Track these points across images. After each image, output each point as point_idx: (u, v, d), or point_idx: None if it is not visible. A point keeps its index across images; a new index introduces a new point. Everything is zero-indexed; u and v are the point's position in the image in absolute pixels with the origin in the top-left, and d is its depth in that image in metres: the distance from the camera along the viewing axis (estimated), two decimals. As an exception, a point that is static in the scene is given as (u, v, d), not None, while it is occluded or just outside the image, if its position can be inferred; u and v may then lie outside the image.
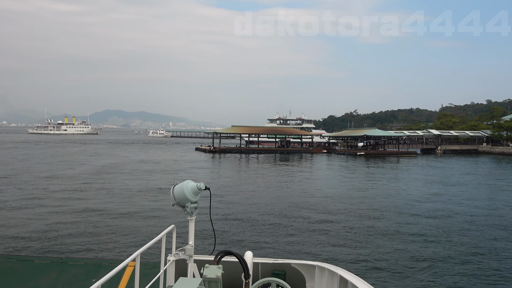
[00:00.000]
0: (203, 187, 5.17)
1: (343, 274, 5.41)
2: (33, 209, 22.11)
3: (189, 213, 5.30)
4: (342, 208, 24.56)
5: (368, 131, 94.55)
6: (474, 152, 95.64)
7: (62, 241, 16.10)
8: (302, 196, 29.09)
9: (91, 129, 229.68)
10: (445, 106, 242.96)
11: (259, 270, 6.23)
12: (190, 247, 5.42)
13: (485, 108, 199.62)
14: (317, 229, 19.00)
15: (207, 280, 4.89)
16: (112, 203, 24.63)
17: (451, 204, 26.78)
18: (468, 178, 43.21)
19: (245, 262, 5.31)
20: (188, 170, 46.53)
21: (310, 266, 6.25)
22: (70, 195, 27.07)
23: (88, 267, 7.77)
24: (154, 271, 5.65)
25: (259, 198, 27.70)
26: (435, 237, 18.07)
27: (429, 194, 31.12)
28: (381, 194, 30.93)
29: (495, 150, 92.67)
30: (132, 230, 18.09)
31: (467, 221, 21.52)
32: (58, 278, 7.41)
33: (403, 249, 16.07)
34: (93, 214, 21.24)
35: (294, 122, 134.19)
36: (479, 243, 17.30)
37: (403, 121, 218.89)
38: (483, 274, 13.60)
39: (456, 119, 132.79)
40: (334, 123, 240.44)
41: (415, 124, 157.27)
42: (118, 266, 3.89)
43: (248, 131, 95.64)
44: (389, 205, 26.01)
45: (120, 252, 14.91)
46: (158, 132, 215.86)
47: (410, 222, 21.12)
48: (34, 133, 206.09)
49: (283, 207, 24.31)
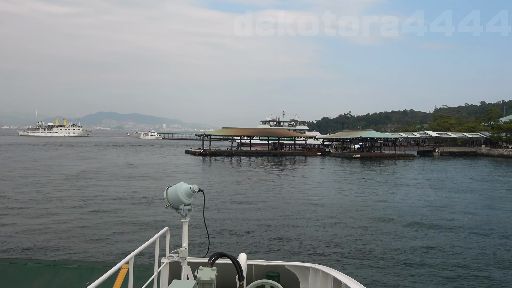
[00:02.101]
0: (196, 189, 5.16)
1: (337, 276, 5.41)
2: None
3: (183, 215, 5.27)
4: (336, 213, 23.74)
5: (364, 133, 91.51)
6: (473, 154, 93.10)
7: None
8: (296, 201, 27.92)
9: (82, 131, 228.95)
10: (439, 107, 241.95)
11: (253, 272, 6.20)
12: (184, 249, 5.41)
13: (479, 110, 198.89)
14: (311, 232, 18.91)
15: (201, 282, 4.90)
16: (71, 214, 21.53)
17: (455, 212, 24.08)
18: (472, 182, 40.45)
19: (239, 264, 5.32)
20: (172, 176, 43.17)
21: (304, 268, 6.22)
22: (26, 204, 23.91)
23: (81, 270, 7.64)
24: (147, 274, 5.91)
25: (251, 202, 26.94)
26: (434, 243, 17.39)
27: (432, 201, 28.20)
28: (379, 200, 28.28)
29: (494, 152, 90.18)
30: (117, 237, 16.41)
31: (474, 232, 18.99)
32: (51, 281, 7.33)
33: (400, 253, 15.89)
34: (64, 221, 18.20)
35: (288, 124, 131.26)
36: (488, 256, 15.39)
37: (397, 122, 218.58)
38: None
39: (452, 121, 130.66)
40: (328, 124, 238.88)
41: (410, 126, 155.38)
42: (112, 269, 3.91)
43: (239, 133, 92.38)
44: (388, 212, 23.58)
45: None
46: (149, 134, 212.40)
47: (411, 229, 19.97)
48: (25, 136, 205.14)
49: (276, 211, 23.87)
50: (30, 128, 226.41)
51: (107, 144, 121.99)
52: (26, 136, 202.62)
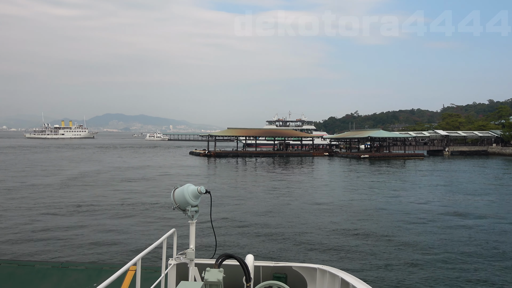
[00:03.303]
0: (203, 191, 5.15)
1: (345, 277, 5.36)
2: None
3: (190, 217, 5.24)
4: (345, 215, 23.04)
5: (373, 132, 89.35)
6: (484, 154, 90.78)
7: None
8: (303, 203, 26.99)
9: (88, 133, 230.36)
10: (447, 106, 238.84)
11: (260, 273, 6.17)
12: (191, 250, 5.36)
13: (487, 108, 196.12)
14: (319, 234, 18.51)
15: (208, 283, 4.88)
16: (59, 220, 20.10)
17: (479, 218, 22.24)
18: (490, 184, 38.54)
19: (246, 265, 5.29)
20: (174, 178, 41.68)
21: (311, 269, 6.17)
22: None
23: (89, 272, 7.62)
24: (155, 275, 5.92)
25: (257, 204, 26.30)
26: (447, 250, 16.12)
27: (451, 205, 26.39)
28: (393, 202, 26.54)
29: (506, 151, 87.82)
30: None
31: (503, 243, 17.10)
32: (59, 282, 7.33)
33: (412, 257, 15.20)
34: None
35: (294, 124, 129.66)
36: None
37: (405, 122, 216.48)
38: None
39: (462, 119, 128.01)
40: (334, 124, 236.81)
41: (418, 125, 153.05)
42: (119, 271, 3.85)
43: (244, 133, 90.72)
44: (402, 217, 21.94)
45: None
46: (155, 136, 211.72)
47: (428, 236, 18.45)
48: (32, 138, 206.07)
49: (283, 213, 23.35)
50: (37, 130, 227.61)
51: (110, 146, 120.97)
52: (32, 138, 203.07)
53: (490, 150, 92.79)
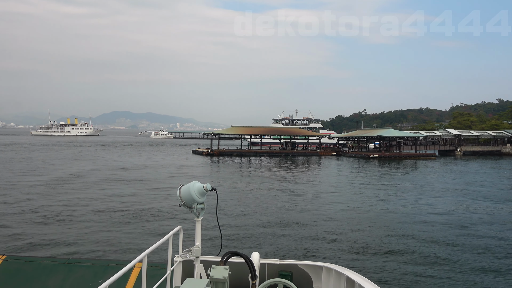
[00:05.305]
0: (209, 188, 5.11)
1: (350, 275, 5.35)
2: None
3: (196, 214, 5.23)
4: (353, 216, 22.59)
5: (383, 131, 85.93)
6: (497, 154, 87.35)
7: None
8: (309, 204, 26.55)
9: (94, 130, 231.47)
10: (456, 105, 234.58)
11: (265, 271, 6.17)
12: (197, 248, 5.37)
13: (496, 107, 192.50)
14: (326, 233, 18.46)
15: (214, 281, 4.85)
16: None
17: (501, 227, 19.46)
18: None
19: (252, 263, 5.26)
20: (173, 180, 39.06)
21: (317, 267, 6.16)
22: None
23: (95, 268, 7.51)
24: (161, 272, 5.74)
25: (262, 204, 25.90)
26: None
27: (473, 212, 23.56)
28: (406, 206, 24.46)
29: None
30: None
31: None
32: (65, 278, 7.28)
33: (419, 257, 15.05)
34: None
35: (301, 122, 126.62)
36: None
37: (413, 120, 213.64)
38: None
39: (474, 118, 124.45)
40: (342, 123, 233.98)
41: (428, 124, 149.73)
42: (125, 267, 3.90)
43: (249, 131, 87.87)
44: (413, 221, 20.98)
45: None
46: (160, 133, 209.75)
47: (440, 239, 17.94)
48: (38, 135, 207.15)
49: (289, 212, 23.34)
50: (43, 127, 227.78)
51: (112, 144, 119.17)
52: (38, 135, 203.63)
53: (504, 150, 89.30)
